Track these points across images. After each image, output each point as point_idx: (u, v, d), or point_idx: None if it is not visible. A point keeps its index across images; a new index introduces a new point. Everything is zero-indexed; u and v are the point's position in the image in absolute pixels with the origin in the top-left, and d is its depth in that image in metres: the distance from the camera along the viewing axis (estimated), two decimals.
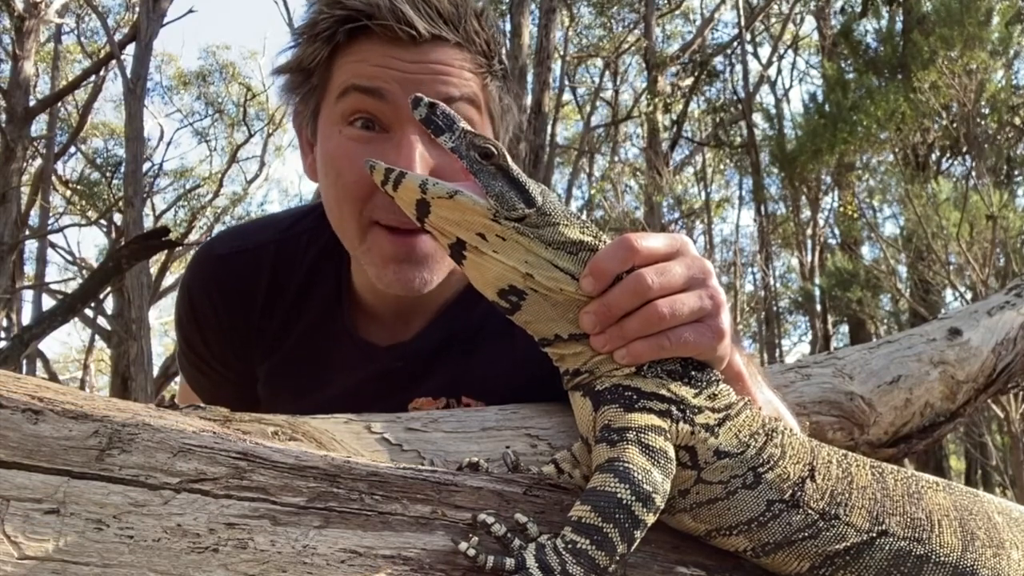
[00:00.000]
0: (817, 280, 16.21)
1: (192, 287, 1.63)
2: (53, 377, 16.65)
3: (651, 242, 1.03)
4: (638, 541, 0.92)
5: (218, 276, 1.60)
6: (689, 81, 20.50)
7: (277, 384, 1.63)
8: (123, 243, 11.19)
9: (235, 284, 1.59)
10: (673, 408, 1.00)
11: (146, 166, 18.17)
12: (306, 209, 1.67)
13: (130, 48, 13.21)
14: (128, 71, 11.97)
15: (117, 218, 19.24)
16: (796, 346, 24.81)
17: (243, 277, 1.58)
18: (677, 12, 23.45)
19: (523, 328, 1.06)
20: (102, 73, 17.05)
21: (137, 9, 14.47)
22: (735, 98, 20.62)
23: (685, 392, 1.02)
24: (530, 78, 12.78)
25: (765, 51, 23.43)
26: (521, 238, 0.99)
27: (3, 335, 15.21)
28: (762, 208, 18.80)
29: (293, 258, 1.59)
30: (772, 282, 19.86)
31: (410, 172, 0.99)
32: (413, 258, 1.40)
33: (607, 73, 24.01)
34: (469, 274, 1.04)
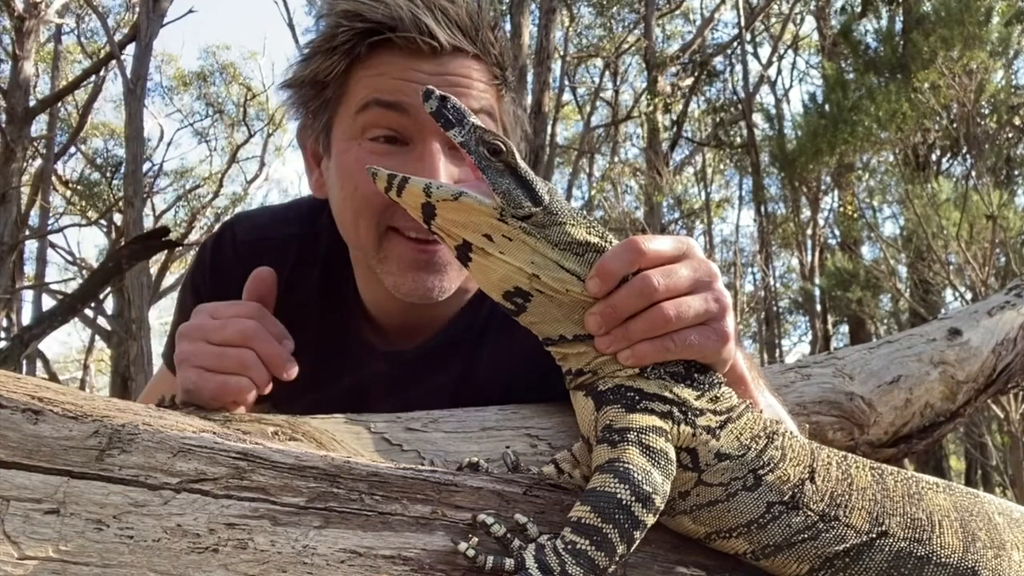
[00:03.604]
0: (817, 280, 16.18)
1: (216, 258, 1.58)
2: (53, 377, 16.64)
3: (658, 244, 1.02)
4: (638, 542, 0.92)
5: (245, 262, 1.51)
6: (689, 81, 20.49)
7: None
8: (123, 243, 11.19)
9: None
10: (675, 410, 1.00)
11: (146, 166, 18.20)
12: (322, 203, 1.63)
13: (130, 48, 13.21)
14: (128, 71, 11.97)
15: (117, 218, 19.25)
16: (796, 346, 24.78)
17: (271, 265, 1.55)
18: (677, 12, 23.42)
19: (526, 327, 1.06)
20: (102, 73, 17.07)
21: (137, 9, 14.47)
22: (735, 98, 20.59)
23: (687, 394, 1.02)
24: (530, 78, 12.77)
25: (765, 51, 23.41)
26: (527, 238, 0.99)
27: (3, 335, 15.21)
28: (762, 208, 18.78)
29: (315, 254, 1.57)
30: (772, 282, 19.85)
31: (413, 177, 0.99)
32: (431, 266, 1.40)
33: (607, 73, 23.99)
34: (475, 276, 1.04)
